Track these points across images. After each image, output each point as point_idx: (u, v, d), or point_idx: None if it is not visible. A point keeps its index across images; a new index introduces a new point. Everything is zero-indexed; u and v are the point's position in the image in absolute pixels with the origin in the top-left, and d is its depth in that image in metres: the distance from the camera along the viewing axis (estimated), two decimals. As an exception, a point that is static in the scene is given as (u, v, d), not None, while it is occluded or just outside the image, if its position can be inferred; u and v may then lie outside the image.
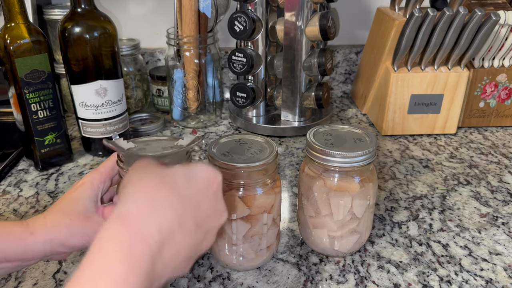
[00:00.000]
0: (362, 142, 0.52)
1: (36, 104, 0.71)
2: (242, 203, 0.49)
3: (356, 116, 0.99)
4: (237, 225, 0.50)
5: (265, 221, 0.51)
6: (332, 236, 0.54)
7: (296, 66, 0.84)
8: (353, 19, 1.06)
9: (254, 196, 0.49)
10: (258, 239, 0.52)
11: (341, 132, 0.55)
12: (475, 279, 0.53)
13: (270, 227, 0.52)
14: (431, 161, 0.79)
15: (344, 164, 0.50)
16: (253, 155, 0.50)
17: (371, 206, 0.55)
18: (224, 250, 0.53)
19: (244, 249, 0.52)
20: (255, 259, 0.53)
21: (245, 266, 0.53)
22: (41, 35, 0.69)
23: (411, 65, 0.84)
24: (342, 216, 0.52)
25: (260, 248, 0.52)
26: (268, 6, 0.84)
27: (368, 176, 0.53)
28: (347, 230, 0.54)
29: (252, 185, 0.49)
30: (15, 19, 0.67)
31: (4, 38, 0.67)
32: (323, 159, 0.50)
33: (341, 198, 0.51)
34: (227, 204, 0.49)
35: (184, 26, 0.84)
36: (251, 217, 0.50)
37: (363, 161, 0.50)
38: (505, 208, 0.66)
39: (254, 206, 0.49)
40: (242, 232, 0.51)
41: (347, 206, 0.52)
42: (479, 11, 0.76)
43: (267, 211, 0.51)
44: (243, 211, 0.49)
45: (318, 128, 0.55)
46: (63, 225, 0.43)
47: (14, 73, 0.68)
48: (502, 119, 0.92)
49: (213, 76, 0.91)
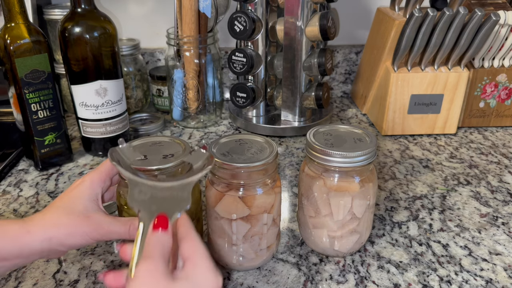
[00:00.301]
0: (362, 142, 0.52)
1: (36, 104, 0.71)
2: (242, 203, 0.49)
3: (356, 116, 0.99)
4: (237, 225, 0.50)
5: (265, 221, 0.51)
6: (332, 236, 0.54)
7: (296, 66, 0.84)
8: (353, 19, 1.06)
9: (254, 196, 0.49)
10: (258, 239, 0.52)
11: (341, 132, 0.55)
12: (475, 279, 0.53)
13: (270, 227, 0.52)
14: (431, 161, 0.79)
15: (344, 164, 0.50)
16: (253, 155, 0.50)
17: (371, 206, 0.55)
18: (224, 250, 0.53)
19: (244, 249, 0.52)
20: (255, 259, 0.53)
21: (245, 266, 0.53)
22: (41, 35, 0.69)
23: (411, 65, 0.84)
24: (342, 216, 0.52)
25: (260, 248, 0.52)
26: (268, 6, 0.84)
27: (368, 176, 0.53)
28: (347, 230, 0.54)
29: (252, 185, 0.49)
30: (15, 19, 0.67)
31: (4, 38, 0.67)
32: (323, 159, 0.50)
33: (341, 198, 0.51)
34: (228, 204, 0.49)
35: (184, 26, 0.84)
36: (251, 217, 0.50)
37: (363, 161, 0.50)
38: (505, 208, 0.66)
39: (254, 206, 0.49)
40: (242, 232, 0.51)
41: (347, 206, 0.52)
42: (479, 11, 0.76)
43: (267, 211, 0.51)
44: (243, 211, 0.49)
45: (318, 128, 0.55)
46: (62, 224, 0.43)
47: (14, 73, 0.68)
48: (502, 119, 0.92)
49: (213, 76, 0.91)
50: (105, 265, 0.55)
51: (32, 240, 0.41)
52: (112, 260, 0.56)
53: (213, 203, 0.51)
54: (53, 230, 0.42)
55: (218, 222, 0.51)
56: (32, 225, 0.42)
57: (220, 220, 0.51)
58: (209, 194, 0.51)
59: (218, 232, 0.52)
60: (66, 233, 0.43)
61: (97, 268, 0.55)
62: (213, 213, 0.51)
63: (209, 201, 0.51)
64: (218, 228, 0.51)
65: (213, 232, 0.53)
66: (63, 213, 0.43)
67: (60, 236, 0.42)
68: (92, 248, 0.58)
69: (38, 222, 0.42)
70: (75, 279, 0.53)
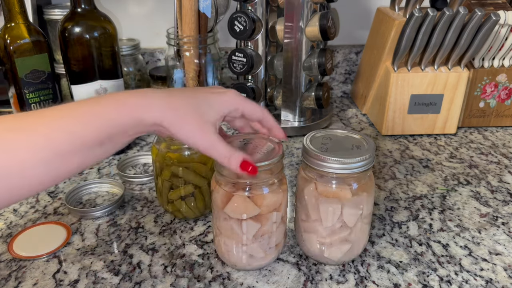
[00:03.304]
0: (360, 149, 0.51)
1: (36, 104, 0.71)
2: (252, 203, 0.49)
3: (356, 116, 0.99)
4: (247, 225, 0.50)
5: (274, 219, 0.51)
6: (322, 243, 0.53)
7: (296, 66, 0.84)
8: (353, 19, 1.06)
9: (263, 196, 0.49)
10: (268, 237, 0.52)
11: (339, 137, 0.54)
12: (475, 279, 0.53)
13: (279, 225, 0.52)
14: (431, 161, 0.79)
15: (339, 171, 0.49)
16: (260, 154, 0.50)
17: (365, 216, 0.53)
18: (232, 251, 0.52)
19: (253, 249, 0.52)
20: (264, 258, 0.53)
21: (254, 266, 0.53)
22: (41, 35, 0.69)
23: (411, 65, 0.84)
24: (331, 223, 0.51)
25: (269, 246, 0.53)
26: (268, 6, 0.84)
27: (362, 186, 0.51)
28: (337, 238, 0.52)
29: (259, 184, 0.49)
30: (15, 19, 0.67)
31: (4, 38, 0.67)
32: (318, 164, 0.49)
33: (330, 204, 0.50)
34: (237, 205, 0.49)
35: (184, 26, 0.84)
36: (261, 216, 0.50)
37: (359, 168, 0.49)
38: (505, 208, 0.66)
39: (264, 205, 0.50)
40: (252, 232, 0.51)
41: (337, 213, 0.51)
42: (479, 11, 0.76)
43: (277, 209, 0.51)
44: (254, 211, 0.49)
45: (316, 133, 0.54)
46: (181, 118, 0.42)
47: (14, 73, 0.68)
48: (502, 119, 0.92)
49: (213, 76, 0.91)
50: (105, 265, 0.55)
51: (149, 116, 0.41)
52: (112, 260, 0.56)
53: (221, 204, 0.50)
54: (170, 114, 0.42)
55: (227, 223, 0.51)
56: (153, 104, 0.41)
57: (230, 220, 0.50)
58: (216, 196, 0.51)
59: (227, 233, 0.52)
60: (178, 125, 0.42)
61: (97, 268, 0.55)
62: (222, 214, 0.51)
63: (217, 203, 0.51)
64: (227, 229, 0.51)
65: (221, 234, 0.53)
66: (190, 109, 0.43)
67: (172, 125, 0.42)
68: (92, 248, 0.58)
69: (160, 101, 0.42)
70: (75, 279, 0.53)
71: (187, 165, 0.59)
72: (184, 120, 0.43)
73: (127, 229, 0.62)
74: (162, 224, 0.62)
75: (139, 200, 0.68)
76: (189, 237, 0.60)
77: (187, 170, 0.59)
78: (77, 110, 0.39)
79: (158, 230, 0.61)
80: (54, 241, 0.59)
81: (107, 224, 0.63)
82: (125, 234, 0.61)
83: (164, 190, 0.61)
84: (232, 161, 0.45)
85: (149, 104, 0.41)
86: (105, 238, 0.60)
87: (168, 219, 0.64)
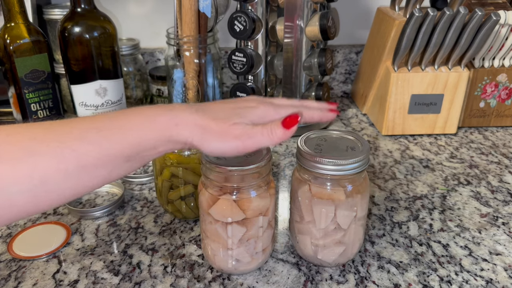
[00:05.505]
0: (354, 150, 0.50)
1: (36, 104, 0.71)
2: (237, 207, 0.49)
3: (356, 116, 0.99)
4: (232, 229, 0.49)
5: (261, 224, 0.50)
6: (315, 244, 0.53)
7: (296, 66, 0.84)
8: (353, 19, 1.06)
9: (250, 199, 0.49)
10: (254, 242, 0.51)
11: (334, 138, 0.53)
12: (475, 279, 0.53)
13: (266, 230, 0.52)
14: (431, 161, 0.79)
15: (333, 172, 0.48)
16: (247, 157, 0.49)
17: (360, 218, 0.52)
18: (219, 255, 0.52)
19: (239, 253, 0.51)
20: (250, 262, 0.52)
21: (240, 270, 0.53)
22: (41, 35, 0.69)
23: (411, 65, 0.84)
24: (324, 225, 0.51)
25: (256, 251, 0.52)
26: (268, 6, 0.84)
27: (357, 187, 0.50)
28: (330, 240, 0.52)
29: (246, 188, 0.48)
30: (15, 19, 0.67)
31: (4, 38, 0.67)
32: (312, 165, 0.49)
33: (323, 206, 0.50)
34: (222, 208, 0.49)
35: (184, 26, 0.84)
36: (247, 220, 0.49)
37: (353, 169, 0.48)
38: (505, 208, 0.66)
39: (250, 209, 0.49)
40: (237, 236, 0.50)
41: (330, 215, 0.50)
42: (479, 11, 0.76)
43: (263, 213, 0.50)
44: (239, 215, 0.49)
45: (310, 134, 0.54)
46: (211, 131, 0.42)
47: (14, 73, 0.68)
48: (502, 119, 0.92)
49: (213, 76, 0.91)
50: (105, 265, 0.55)
51: (178, 134, 0.41)
52: (112, 260, 0.56)
53: (207, 206, 0.50)
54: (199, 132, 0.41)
55: (212, 226, 0.50)
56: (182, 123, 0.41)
57: (215, 224, 0.50)
58: (202, 198, 0.51)
59: (212, 237, 0.51)
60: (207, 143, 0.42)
61: (97, 268, 0.55)
62: (207, 217, 0.50)
63: (202, 205, 0.51)
64: (213, 232, 0.51)
65: (207, 237, 0.52)
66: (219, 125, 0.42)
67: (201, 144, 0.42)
68: (92, 248, 0.58)
69: (189, 119, 0.41)
70: (75, 279, 0.53)
71: (187, 166, 0.59)
72: (212, 136, 0.42)
73: (127, 229, 0.62)
74: (162, 224, 0.62)
75: (139, 200, 0.68)
76: (189, 237, 0.60)
77: (187, 170, 0.59)
78: (105, 124, 0.39)
79: (158, 230, 0.61)
80: (54, 241, 0.59)
81: (107, 224, 0.63)
82: (125, 234, 0.61)
83: (164, 190, 0.61)
84: (273, 136, 0.42)
85: (178, 123, 0.41)
86: (105, 238, 0.60)
87: (168, 219, 0.63)
